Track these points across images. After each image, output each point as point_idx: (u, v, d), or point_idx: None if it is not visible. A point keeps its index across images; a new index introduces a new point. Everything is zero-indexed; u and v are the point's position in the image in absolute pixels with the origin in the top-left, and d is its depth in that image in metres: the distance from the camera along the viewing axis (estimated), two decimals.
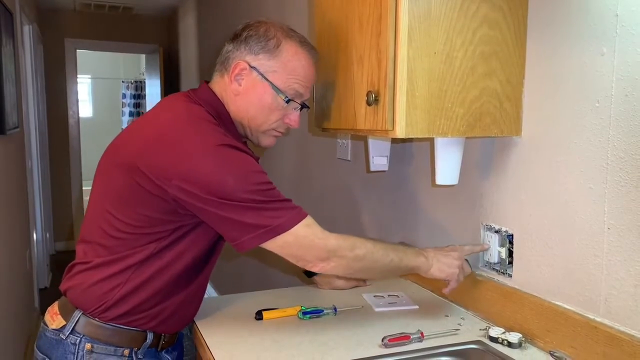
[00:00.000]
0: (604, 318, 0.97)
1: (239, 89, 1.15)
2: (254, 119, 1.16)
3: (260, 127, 1.18)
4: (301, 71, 1.15)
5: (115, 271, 1.09)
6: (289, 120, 1.19)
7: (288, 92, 1.15)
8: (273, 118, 1.17)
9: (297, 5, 2.34)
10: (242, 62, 1.14)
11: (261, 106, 1.15)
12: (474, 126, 1.07)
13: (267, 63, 1.13)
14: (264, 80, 1.14)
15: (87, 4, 5.26)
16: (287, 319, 1.24)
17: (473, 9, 1.03)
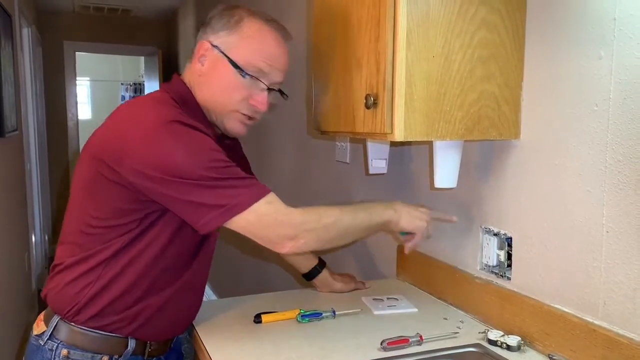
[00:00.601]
0: (602, 321, 0.97)
1: (202, 69, 1.11)
2: (216, 99, 1.11)
3: (224, 108, 1.12)
4: (264, 48, 1.11)
5: (86, 269, 1.06)
6: (255, 102, 1.12)
7: (248, 69, 1.09)
8: (236, 97, 1.10)
9: (295, 8, 2.34)
10: (204, 42, 1.11)
11: (222, 84, 1.10)
12: (473, 129, 1.07)
13: (227, 39, 1.10)
14: (224, 57, 1.09)
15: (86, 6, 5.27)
16: (286, 322, 1.24)
17: (471, 12, 1.03)
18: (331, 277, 1.44)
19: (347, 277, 1.48)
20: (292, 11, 2.38)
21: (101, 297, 1.07)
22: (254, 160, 3.06)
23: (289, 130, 2.49)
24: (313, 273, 1.44)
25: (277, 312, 1.26)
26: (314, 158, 2.22)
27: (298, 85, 2.32)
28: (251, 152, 3.12)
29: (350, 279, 1.48)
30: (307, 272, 1.44)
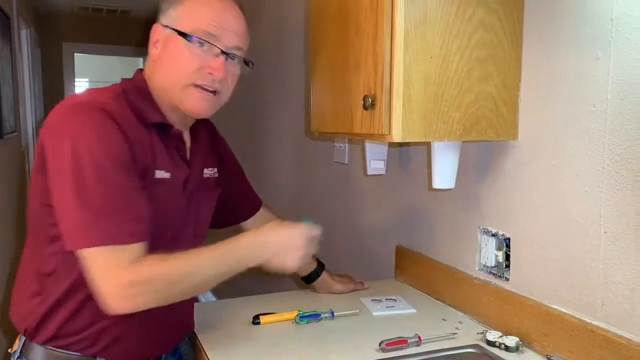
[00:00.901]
0: (600, 322, 0.97)
1: (157, 53, 1.06)
2: (170, 76, 1.04)
3: (178, 83, 1.03)
4: (210, 11, 1.04)
5: (36, 284, 1.01)
6: (210, 69, 1.03)
7: (196, 34, 1.02)
8: (189, 68, 1.02)
9: (294, 8, 2.34)
10: (156, 25, 1.07)
11: (175, 59, 1.03)
12: (471, 130, 1.07)
13: (173, 14, 1.05)
14: (173, 33, 1.03)
15: (84, 8, 5.27)
16: (285, 323, 1.24)
17: (469, 13, 1.03)
18: (330, 279, 1.44)
19: (346, 278, 1.48)
20: (291, 12, 2.38)
21: (55, 315, 1.00)
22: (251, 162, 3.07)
23: (287, 131, 2.49)
24: (312, 276, 1.43)
25: (275, 313, 1.26)
26: (312, 159, 2.22)
27: (296, 86, 2.32)
28: (248, 153, 3.14)
29: (349, 280, 1.48)
30: (306, 275, 1.44)
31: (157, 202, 1.01)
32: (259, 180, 2.95)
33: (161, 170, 1.03)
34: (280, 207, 2.56)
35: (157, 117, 1.05)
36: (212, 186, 1.20)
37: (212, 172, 1.21)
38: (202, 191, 1.15)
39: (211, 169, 1.20)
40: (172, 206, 1.06)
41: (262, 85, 2.79)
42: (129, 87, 1.06)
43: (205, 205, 1.18)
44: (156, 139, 1.04)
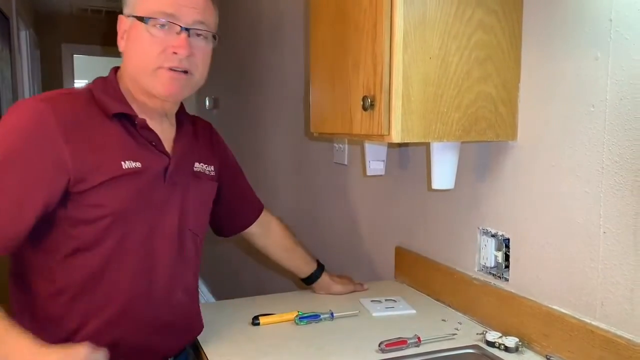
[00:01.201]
0: (600, 322, 0.97)
1: (124, 44, 1.06)
2: (139, 64, 1.04)
3: (147, 69, 1.03)
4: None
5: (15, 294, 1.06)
6: (174, 48, 1.02)
7: (153, 16, 1.02)
8: (154, 51, 1.02)
9: (293, 9, 2.34)
10: (120, 16, 1.07)
11: (139, 46, 1.03)
12: (470, 131, 1.07)
13: (131, 2, 1.05)
14: (133, 20, 1.03)
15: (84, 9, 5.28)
16: (284, 324, 1.24)
17: (468, 14, 1.03)
18: (330, 280, 1.44)
19: (346, 279, 1.48)
20: (290, 12, 2.39)
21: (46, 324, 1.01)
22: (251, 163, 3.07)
23: (286, 131, 2.49)
24: (313, 277, 1.44)
25: (275, 314, 1.26)
26: (311, 160, 2.22)
27: (295, 86, 2.32)
28: (248, 154, 3.14)
29: (348, 281, 1.48)
30: (306, 276, 1.44)
31: (129, 190, 1.01)
32: (258, 181, 2.95)
33: (129, 160, 1.02)
34: (280, 208, 2.57)
35: (117, 108, 1.04)
36: (205, 179, 1.18)
37: (207, 167, 1.19)
38: (191, 183, 1.13)
39: (205, 165, 1.19)
40: (146, 195, 1.04)
41: (261, 86, 2.79)
42: (98, 83, 1.07)
43: (196, 196, 1.15)
44: (122, 130, 1.04)
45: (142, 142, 1.05)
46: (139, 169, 1.02)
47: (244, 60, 3.08)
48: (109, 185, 0.99)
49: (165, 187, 1.07)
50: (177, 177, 1.09)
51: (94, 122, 1.00)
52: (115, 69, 1.11)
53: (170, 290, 1.10)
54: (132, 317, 1.05)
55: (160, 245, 1.07)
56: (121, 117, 1.04)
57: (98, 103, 1.03)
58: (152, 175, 1.05)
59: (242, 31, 3.09)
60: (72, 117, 0.98)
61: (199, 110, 4.16)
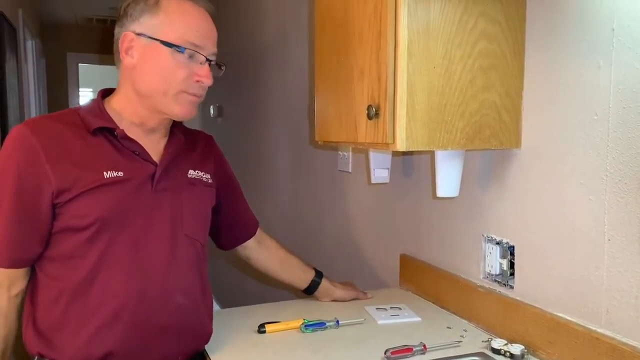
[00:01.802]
0: (605, 329, 0.97)
1: (133, 62, 1.08)
2: (158, 86, 1.07)
3: (168, 92, 1.07)
4: (192, 20, 1.08)
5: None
6: (199, 77, 1.08)
7: (183, 44, 1.06)
8: (179, 77, 1.07)
9: (298, 17, 2.36)
10: (127, 33, 1.08)
11: (161, 69, 1.06)
12: (474, 139, 1.08)
13: (151, 23, 1.06)
14: (154, 42, 1.06)
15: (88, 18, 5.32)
16: (290, 332, 1.24)
17: (471, 23, 1.04)
18: (331, 285, 1.45)
19: (348, 285, 1.49)
20: (295, 21, 2.40)
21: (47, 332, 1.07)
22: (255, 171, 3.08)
23: (290, 139, 2.51)
24: (313, 285, 1.43)
25: (281, 322, 1.26)
26: (315, 167, 2.23)
27: (299, 95, 2.34)
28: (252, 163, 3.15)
29: (351, 287, 1.48)
30: (307, 285, 1.44)
31: (112, 198, 1.05)
32: (262, 189, 2.97)
33: (111, 170, 1.06)
34: (284, 217, 2.57)
35: (98, 123, 1.09)
36: (201, 186, 1.20)
37: (203, 175, 1.21)
38: (185, 189, 1.16)
39: (201, 172, 1.21)
40: (131, 202, 1.08)
41: (265, 94, 2.81)
42: (85, 105, 1.15)
43: (191, 202, 1.17)
44: (105, 144, 1.09)
45: (126, 153, 1.10)
46: (121, 178, 1.07)
47: (248, 68, 3.10)
48: (90, 194, 1.04)
49: (153, 193, 1.10)
50: (166, 183, 1.12)
51: (76, 139, 1.07)
52: (102, 91, 1.18)
53: (167, 293, 1.11)
54: (127, 321, 1.06)
55: (152, 250, 1.09)
56: (103, 131, 1.09)
57: (82, 121, 1.09)
58: (137, 182, 1.09)
59: (246, 40, 3.11)
60: (53, 136, 1.06)
61: (203, 119, 4.18)
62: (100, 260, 1.06)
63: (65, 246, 1.06)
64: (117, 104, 1.13)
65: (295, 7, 2.37)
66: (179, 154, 1.17)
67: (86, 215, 1.04)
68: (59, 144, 1.05)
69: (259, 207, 2.88)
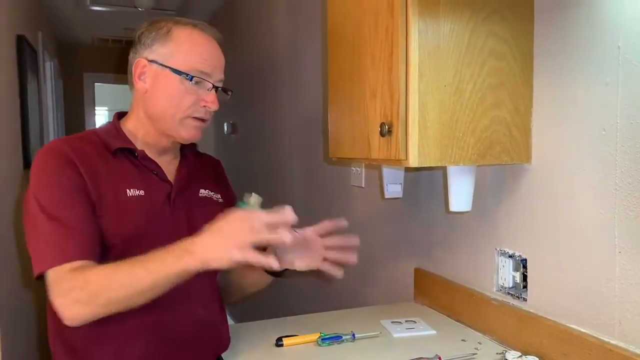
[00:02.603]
0: (619, 341, 0.98)
1: (145, 87, 1.14)
2: (167, 110, 1.13)
3: (175, 117, 1.13)
4: (200, 49, 1.14)
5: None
6: (205, 103, 1.14)
7: (191, 73, 1.12)
8: (186, 103, 1.13)
9: (310, 38, 2.41)
10: (140, 59, 1.14)
11: (169, 95, 1.12)
12: (485, 154, 1.11)
13: (162, 51, 1.13)
14: (164, 69, 1.12)
15: (104, 39, 5.44)
16: (307, 345, 1.26)
17: (480, 43, 1.08)
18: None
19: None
20: (307, 40, 2.45)
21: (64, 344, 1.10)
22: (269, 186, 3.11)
23: (303, 155, 2.54)
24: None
25: (297, 335, 1.29)
26: (328, 183, 2.26)
27: (313, 112, 2.38)
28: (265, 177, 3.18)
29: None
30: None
31: (135, 214, 1.10)
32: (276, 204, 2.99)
33: (133, 188, 1.11)
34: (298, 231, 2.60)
35: (119, 144, 1.14)
36: (212, 204, 1.25)
37: (213, 194, 1.26)
38: (197, 207, 1.21)
39: (212, 192, 1.26)
40: (153, 218, 1.13)
41: (279, 112, 2.85)
42: (102, 128, 1.20)
43: (203, 219, 1.16)
44: (126, 163, 1.14)
45: (145, 172, 1.15)
46: (142, 196, 1.12)
47: (261, 86, 3.15)
48: (115, 212, 1.08)
49: (170, 211, 1.15)
50: (180, 201, 1.18)
51: (101, 158, 1.12)
52: (118, 114, 1.23)
53: (188, 306, 1.15)
54: (151, 335, 1.10)
55: None
56: (123, 151, 1.14)
57: (102, 142, 1.14)
58: (156, 200, 1.14)
59: (260, 58, 3.16)
60: (83, 153, 1.10)
61: (217, 136, 4.24)
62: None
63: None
64: (131, 125, 1.19)
65: (308, 26, 2.43)
66: (190, 174, 1.22)
67: (110, 232, 1.08)
68: (88, 160, 1.10)
69: None
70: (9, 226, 2.30)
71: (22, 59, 2.59)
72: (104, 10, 4.19)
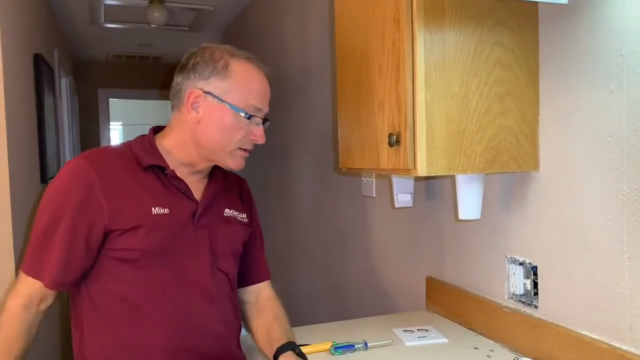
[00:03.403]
0: (630, 346, 0.99)
1: (198, 117, 1.16)
2: (219, 142, 1.16)
3: (226, 149, 1.17)
4: (255, 86, 1.18)
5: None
6: (254, 137, 1.19)
7: (247, 109, 1.15)
8: (237, 137, 1.16)
9: (319, 50, 2.44)
10: (195, 90, 1.15)
11: (224, 128, 1.15)
12: (493, 163, 1.12)
13: (220, 85, 1.15)
14: (221, 103, 1.15)
15: (118, 55, 5.53)
16: (320, 354, 1.28)
17: (486, 53, 1.10)
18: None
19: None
20: (317, 53, 2.49)
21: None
22: (280, 198, 3.13)
23: (313, 166, 2.57)
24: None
25: (310, 344, 1.30)
26: (339, 193, 2.28)
27: (323, 124, 2.41)
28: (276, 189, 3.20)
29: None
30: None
31: (158, 233, 1.12)
32: (286, 215, 3.02)
33: (158, 206, 1.13)
34: (308, 242, 2.62)
35: (150, 161, 1.16)
36: (235, 224, 1.26)
37: (239, 214, 1.28)
38: (220, 227, 1.22)
39: (236, 212, 1.27)
40: (176, 237, 1.15)
41: (290, 124, 2.88)
42: (138, 140, 1.22)
43: (225, 239, 1.23)
44: (154, 180, 1.16)
45: (173, 191, 1.17)
46: (167, 215, 1.13)
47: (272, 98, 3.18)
48: (139, 229, 1.10)
49: (193, 230, 1.17)
50: (205, 221, 1.19)
51: (128, 174, 1.14)
52: (153, 129, 1.25)
53: (209, 323, 1.17)
54: (173, 352, 1.12)
55: (194, 283, 1.16)
56: (154, 168, 1.17)
57: (135, 157, 1.17)
58: (181, 219, 1.16)
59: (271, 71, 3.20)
60: (108, 169, 1.13)
61: None
62: (146, 292, 1.12)
63: (115, 279, 1.12)
64: (169, 144, 1.20)
65: (317, 39, 2.46)
66: (217, 194, 1.24)
67: (134, 249, 1.10)
68: (113, 177, 1.12)
69: (283, 232, 2.93)
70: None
71: (39, 76, 2.65)
72: (118, 27, 4.26)
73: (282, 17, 2.96)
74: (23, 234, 2.18)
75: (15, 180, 2.13)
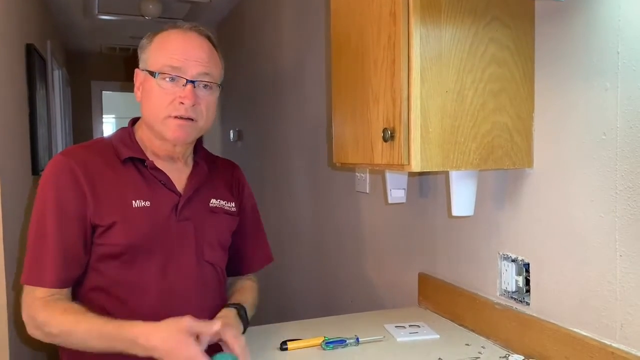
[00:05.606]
0: (620, 344, 0.99)
1: (140, 95, 1.19)
2: (151, 113, 1.15)
3: (158, 118, 1.14)
4: (170, 46, 1.15)
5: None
6: (180, 98, 1.13)
7: (163, 69, 1.13)
8: (164, 102, 1.13)
9: (314, 45, 2.43)
10: (136, 70, 1.20)
11: (151, 97, 1.15)
12: (487, 159, 1.12)
13: (144, 57, 1.18)
14: (146, 74, 1.16)
15: (112, 48, 5.49)
16: (311, 349, 1.27)
17: (481, 49, 1.09)
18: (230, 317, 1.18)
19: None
20: (312, 48, 2.48)
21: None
22: (274, 193, 3.12)
23: (308, 162, 2.56)
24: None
25: (302, 339, 1.30)
26: (333, 188, 2.28)
27: (317, 118, 2.40)
28: (271, 184, 3.20)
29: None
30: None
31: (140, 226, 1.11)
32: (281, 210, 3.01)
33: (139, 199, 1.13)
34: (302, 237, 2.61)
35: (128, 153, 1.16)
36: (222, 214, 1.25)
37: (226, 204, 1.26)
38: (206, 218, 1.21)
39: (224, 202, 1.26)
40: (160, 229, 1.14)
41: (284, 118, 2.88)
42: (118, 133, 1.22)
43: (211, 230, 1.22)
44: (134, 173, 1.15)
45: (153, 182, 1.16)
46: (148, 207, 1.13)
47: (267, 93, 3.18)
48: (120, 223, 1.10)
49: (176, 222, 1.16)
50: (188, 212, 1.18)
51: (107, 169, 1.14)
52: (132, 120, 1.25)
53: (197, 315, 1.14)
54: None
55: (179, 276, 1.15)
56: (134, 161, 1.16)
57: (115, 150, 1.16)
58: (163, 212, 1.15)
59: (265, 65, 3.19)
60: (87, 164, 1.12)
61: (223, 143, 4.27)
62: (132, 286, 1.11)
63: (98, 273, 1.12)
64: (140, 134, 1.21)
65: (312, 35, 2.45)
66: (201, 184, 1.23)
67: (117, 244, 1.10)
68: (93, 172, 1.12)
69: (278, 227, 2.93)
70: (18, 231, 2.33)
71: (31, 67, 2.63)
72: (112, 19, 4.23)
73: (278, 10, 2.94)
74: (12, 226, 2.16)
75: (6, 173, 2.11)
